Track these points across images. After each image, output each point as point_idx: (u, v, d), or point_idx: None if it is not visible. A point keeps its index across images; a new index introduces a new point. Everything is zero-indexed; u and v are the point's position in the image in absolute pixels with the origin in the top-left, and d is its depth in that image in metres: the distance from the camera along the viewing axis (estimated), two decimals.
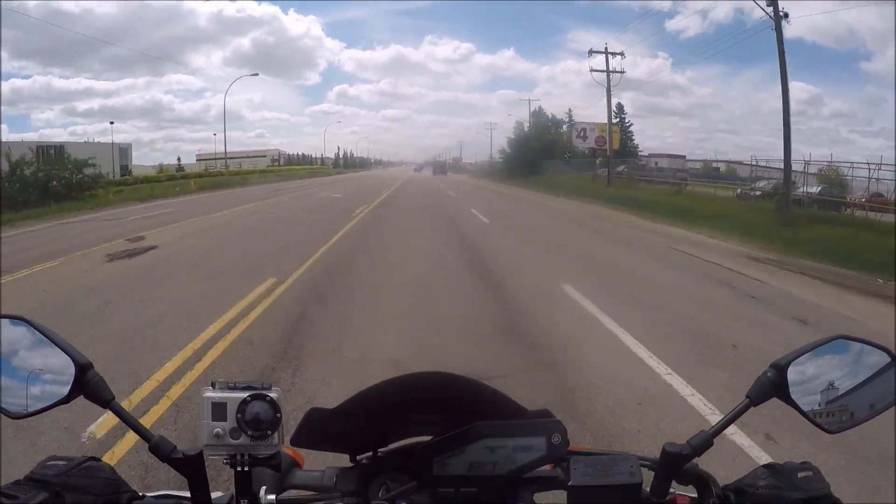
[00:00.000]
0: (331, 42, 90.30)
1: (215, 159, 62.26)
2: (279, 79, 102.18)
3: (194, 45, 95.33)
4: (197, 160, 62.95)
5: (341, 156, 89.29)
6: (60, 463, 0.65)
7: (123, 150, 49.81)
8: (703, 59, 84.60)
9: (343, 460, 0.76)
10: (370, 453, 0.75)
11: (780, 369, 0.68)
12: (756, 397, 0.68)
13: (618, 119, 42.14)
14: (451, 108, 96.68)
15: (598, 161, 36.37)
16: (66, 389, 0.67)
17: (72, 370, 0.66)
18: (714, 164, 35.86)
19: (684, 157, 37.89)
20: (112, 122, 67.28)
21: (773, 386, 0.68)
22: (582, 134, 38.85)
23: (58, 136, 70.81)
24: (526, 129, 46.72)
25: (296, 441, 0.70)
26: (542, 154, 41.98)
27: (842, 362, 0.73)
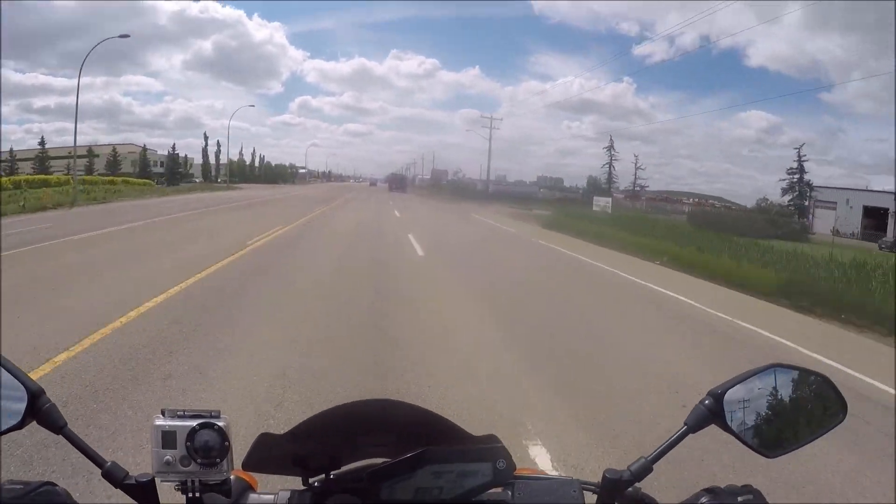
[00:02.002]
0: (294, 51, 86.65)
1: None
2: (241, 86, 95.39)
3: (154, 45, 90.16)
4: None
5: (251, 158, 67.86)
6: (17, 486, 0.65)
7: None
8: (667, 85, 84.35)
9: (296, 483, 0.77)
10: (323, 476, 0.76)
11: (717, 397, 0.71)
12: (694, 424, 0.71)
13: None
14: (414, 124, 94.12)
15: None
16: (19, 415, 0.67)
17: (24, 396, 0.67)
18: None
19: None
20: None
21: (711, 413, 0.71)
22: None
23: (13, 132, 65.31)
24: None
25: (247, 465, 0.71)
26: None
27: (778, 389, 0.76)
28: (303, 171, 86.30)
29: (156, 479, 0.66)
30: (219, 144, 61.21)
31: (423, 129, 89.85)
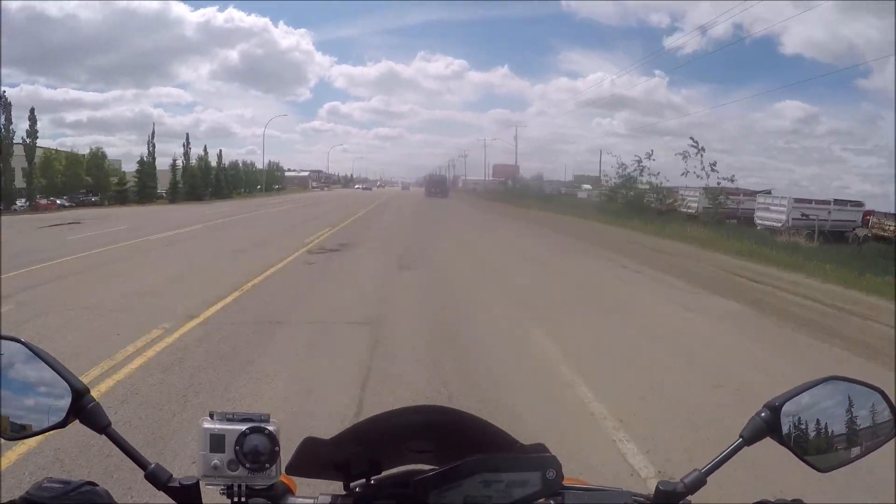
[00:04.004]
0: (321, 57, 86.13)
1: None
2: (270, 94, 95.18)
3: (181, 56, 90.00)
4: None
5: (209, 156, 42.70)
6: (57, 485, 0.64)
7: None
8: (699, 78, 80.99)
9: (337, 487, 0.76)
10: (363, 481, 0.75)
11: (774, 410, 0.69)
12: (749, 437, 0.69)
13: None
14: (444, 126, 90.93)
15: None
16: (62, 414, 0.67)
17: (68, 394, 0.67)
18: None
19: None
20: None
21: (767, 426, 0.69)
22: None
23: (48, 147, 61.57)
24: None
25: (291, 470, 0.70)
26: None
27: (834, 402, 0.74)
28: (300, 174, 72.59)
29: (201, 482, 0.66)
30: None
31: (454, 132, 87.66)
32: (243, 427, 0.64)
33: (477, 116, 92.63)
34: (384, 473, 0.76)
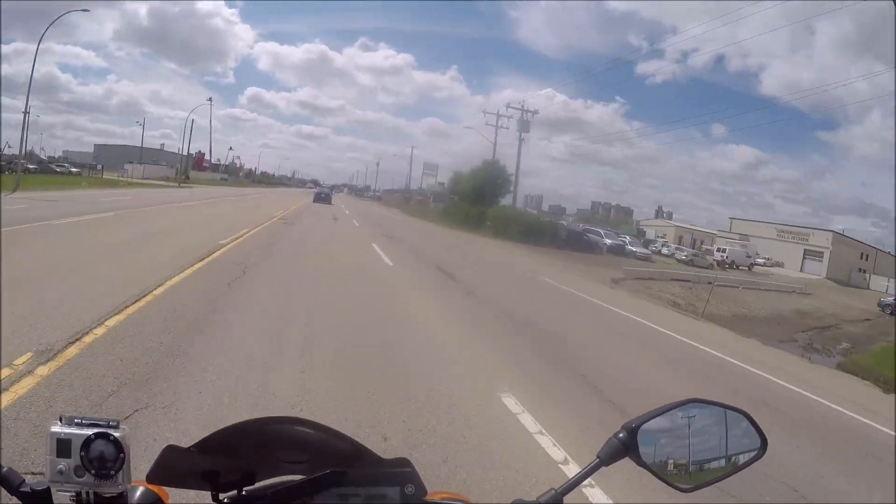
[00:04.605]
0: (264, 44, 77.00)
1: None
2: (186, 67, 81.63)
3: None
4: None
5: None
6: None
7: None
8: (658, 111, 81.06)
9: (208, 498, 0.75)
10: (234, 492, 0.74)
11: (631, 431, 0.71)
12: (606, 458, 0.71)
13: None
14: (371, 130, 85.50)
15: None
16: None
17: None
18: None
19: None
20: None
21: (624, 447, 0.71)
22: None
23: None
24: None
25: (152, 478, 0.69)
26: None
27: (695, 423, 0.77)
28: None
29: (52, 488, 0.64)
30: None
31: (378, 137, 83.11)
32: (89, 432, 0.63)
33: (409, 125, 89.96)
34: (257, 485, 0.76)
